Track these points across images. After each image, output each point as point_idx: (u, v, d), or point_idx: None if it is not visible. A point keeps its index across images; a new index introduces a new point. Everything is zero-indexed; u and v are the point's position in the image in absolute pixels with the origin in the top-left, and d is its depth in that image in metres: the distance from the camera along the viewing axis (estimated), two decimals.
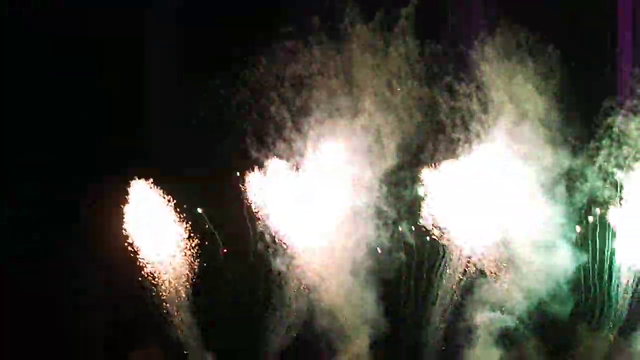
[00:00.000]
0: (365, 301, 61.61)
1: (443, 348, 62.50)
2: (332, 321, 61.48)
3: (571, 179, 56.84)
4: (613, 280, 57.08)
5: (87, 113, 62.91)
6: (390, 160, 58.72)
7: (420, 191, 58.52)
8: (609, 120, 56.20)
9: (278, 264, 60.93)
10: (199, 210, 60.44)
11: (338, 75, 58.79)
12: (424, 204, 58.39)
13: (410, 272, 61.71)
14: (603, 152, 55.95)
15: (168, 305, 62.07)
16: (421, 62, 57.89)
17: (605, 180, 56.45)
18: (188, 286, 62.20)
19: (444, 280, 60.79)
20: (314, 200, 60.41)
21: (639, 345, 58.17)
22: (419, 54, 58.12)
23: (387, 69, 58.62)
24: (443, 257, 59.56)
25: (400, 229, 59.61)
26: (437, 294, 61.50)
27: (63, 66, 62.50)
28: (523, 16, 57.33)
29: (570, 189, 56.71)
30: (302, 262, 60.88)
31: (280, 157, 59.73)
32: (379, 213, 59.59)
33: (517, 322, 58.40)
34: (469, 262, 58.94)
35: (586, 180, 56.66)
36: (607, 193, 56.56)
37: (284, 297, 61.44)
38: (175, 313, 62.34)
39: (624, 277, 56.72)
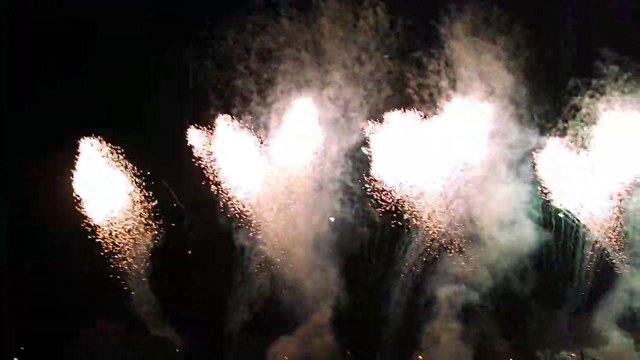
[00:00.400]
0: (327, 274, 61.66)
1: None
2: (295, 295, 61.64)
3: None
4: (577, 257, 58.28)
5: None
6: (357, 135, 58.80)
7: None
8: (576, 99, 56.87)
9: (241, 237, 60.75)
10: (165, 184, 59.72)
11: (307, 47, 57.97)
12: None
13: (372, 246, 62.27)
14: (570, 132, 56.65)
15: (125, 275, 61.34)
16: (391, 36, 57.46)
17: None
18: (146, 256, 61.33)
19: (407, 255, 61.33)
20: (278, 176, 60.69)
21: (596, 322, 60.12)
22: (389, 28, 57.68)
23: (356, 42, 58.11)
24: (407, 232, 59.95)
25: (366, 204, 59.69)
26: (399, 268, 62.21)
27: None
28: None
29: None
30: (265, 236, 60.75)
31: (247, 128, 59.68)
32: (345, 188, 59.63)
33: (480, 297, 59.01)
34: (433, 237, 59.55)
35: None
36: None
37: (245, 271, 61.24)
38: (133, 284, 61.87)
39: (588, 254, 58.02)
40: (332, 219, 60.63)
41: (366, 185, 58.79)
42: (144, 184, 59.85)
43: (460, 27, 57.83)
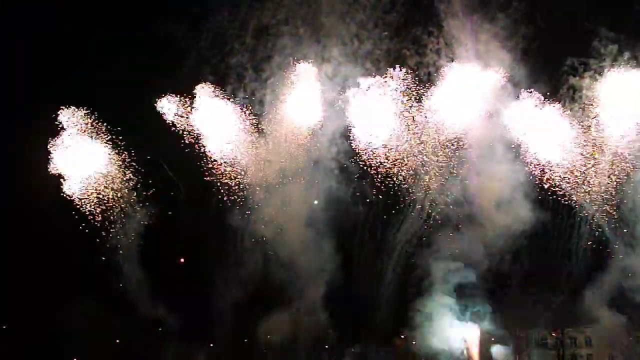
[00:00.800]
0: (322, 252, 61.25)
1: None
2: (288, 273, 61.12)
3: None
4: (573, 238, 58.69)
5: None
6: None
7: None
8: (573, 80, 56.69)
9: (234, 215, 59.92)
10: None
11: (306, 21, 56.73)
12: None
13: (366, 224, 61.97)
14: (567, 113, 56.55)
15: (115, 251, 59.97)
16: (391, 13, 56.60)
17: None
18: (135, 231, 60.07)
19: (402, 232, 61.19)
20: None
21: (586, 302, 60.67)
22: (389, 4, 56.64)
23: (355, 19, 57.00)
24: (404, 209, 59.75)
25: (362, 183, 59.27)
26: (395, 245, 62.04)
27: None
28: None
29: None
30: (259, 214, 60.00)
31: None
32: (342, 167, 59.03)
33: (477, 276, 59.31)
34: (429, 214, 59.44)
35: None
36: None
37: (238, 250, 60.56)
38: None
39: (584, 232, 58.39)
40: (316, 202, 60.63)
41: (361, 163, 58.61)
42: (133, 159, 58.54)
43: (459, 4, 57.64)
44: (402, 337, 69.32)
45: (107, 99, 57.76)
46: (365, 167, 57.91)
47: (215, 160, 58.41)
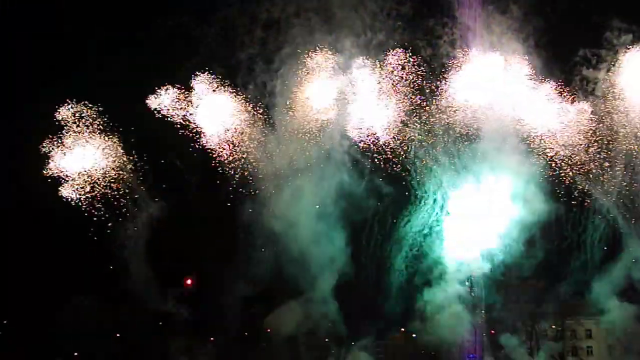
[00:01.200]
0: (332, 244, 60.77)
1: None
2: (299, 266, 60.64)
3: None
4: (587, 232, 58.59)
5: None
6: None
7: None
8: (586, 71, 56.41)
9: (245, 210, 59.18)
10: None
11: (318, 12, 55.66)
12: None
13: (376, 217, 61.48)
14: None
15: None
16: (405, 3, 55.71)
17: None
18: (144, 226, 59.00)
19: (413, 224, 60.94)
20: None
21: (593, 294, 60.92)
22: None
23: (368, 9, 56.17)
24: (417, 201, 59.59)
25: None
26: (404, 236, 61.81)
27: None
28: None
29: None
30: (270, 209, 59.23)
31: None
32: (355, 162, 58.52)
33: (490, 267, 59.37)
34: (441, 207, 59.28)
35: None
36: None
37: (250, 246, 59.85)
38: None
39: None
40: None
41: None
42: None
43: None
44: (402, 330, 70.07)
45: (110, 96, 56.83)
46: (375, 159, 58.44)
47: (223, 154, 58.01)
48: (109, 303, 64.19)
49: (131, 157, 56.40)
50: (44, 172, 55.11)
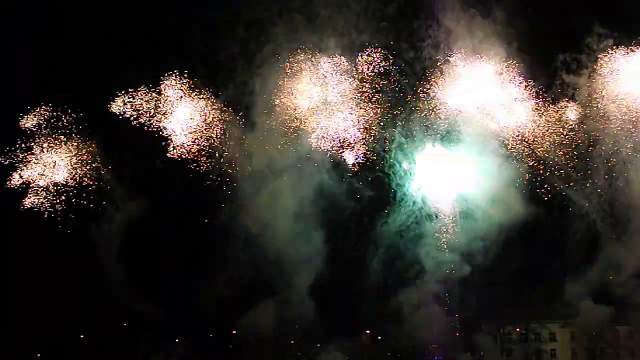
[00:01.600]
0: (310, 244, 59.79)
1: None
2: (276, 266, 59.79)
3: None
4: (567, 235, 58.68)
5: None
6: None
7: None
8: (566, 76, 56.73)
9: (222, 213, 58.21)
10: None
11: (301, 11, 54.64)
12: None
13: (355, 217, 60.89)
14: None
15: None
16: (390, 4, 55.10)
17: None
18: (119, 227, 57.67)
19: (390, 224, 60.55)
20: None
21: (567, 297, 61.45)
22: None
23: (352, 9, 55.29)
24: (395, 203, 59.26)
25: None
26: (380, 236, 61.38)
27: None
28: None
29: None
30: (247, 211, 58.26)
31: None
32: (337, 164, 57.79)
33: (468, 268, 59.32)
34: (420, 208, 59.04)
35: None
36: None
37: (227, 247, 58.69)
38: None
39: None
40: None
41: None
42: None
43: None
44: (367, 332, 70.06)
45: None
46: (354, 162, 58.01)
47: (199, 153, 56.80)
48: (80, 302, 62.23)
49: (105, 159, 55.37)
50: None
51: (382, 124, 57.37)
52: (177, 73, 54.96)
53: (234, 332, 64.92)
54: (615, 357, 66.26)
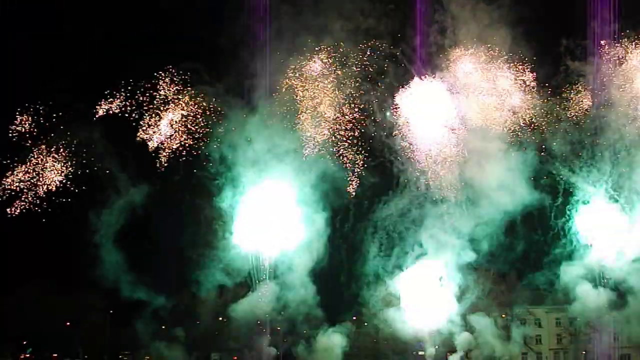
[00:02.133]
0: (312, 228, 59.03)
1: None
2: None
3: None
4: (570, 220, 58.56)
5: None
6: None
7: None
8: (572, 63, 56.24)
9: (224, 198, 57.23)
10: None
11: None
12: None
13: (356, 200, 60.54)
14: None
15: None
16: None
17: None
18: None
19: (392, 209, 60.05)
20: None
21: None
22: None
23: None
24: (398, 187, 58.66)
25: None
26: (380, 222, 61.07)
27: None
28: None
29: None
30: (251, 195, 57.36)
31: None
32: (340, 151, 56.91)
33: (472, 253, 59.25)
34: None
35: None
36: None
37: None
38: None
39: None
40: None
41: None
42: None
43: None
44: (354, 318, 70.04)
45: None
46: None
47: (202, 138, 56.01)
48: (74, 289, 62.27)
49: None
50: None
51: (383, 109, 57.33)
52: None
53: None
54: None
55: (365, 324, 67.83)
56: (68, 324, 65.85)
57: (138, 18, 54.36)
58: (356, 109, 56.15)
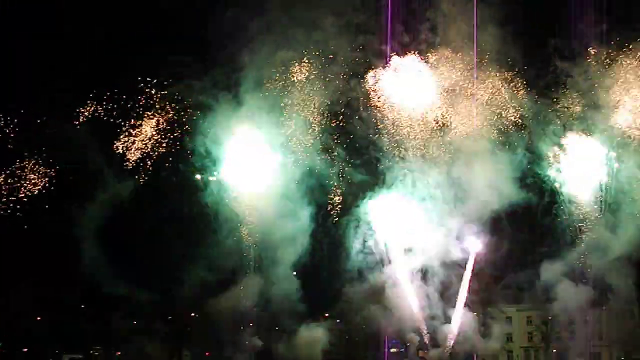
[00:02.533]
0: (296, 224, 58.78)
1: None
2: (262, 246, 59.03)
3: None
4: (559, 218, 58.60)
5: None
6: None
7: None
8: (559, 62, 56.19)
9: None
10: None
11: None
12: None
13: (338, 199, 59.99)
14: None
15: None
16: None
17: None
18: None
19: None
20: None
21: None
22: None
23: None
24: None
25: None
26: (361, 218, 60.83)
27: None
28: None
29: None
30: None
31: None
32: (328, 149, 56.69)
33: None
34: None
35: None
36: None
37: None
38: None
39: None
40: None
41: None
42: None
43: None
44: (327, 315, 70.12)
45: None
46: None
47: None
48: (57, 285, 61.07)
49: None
50: None
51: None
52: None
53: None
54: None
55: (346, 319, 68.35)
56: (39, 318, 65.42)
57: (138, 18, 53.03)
58: (342, 105, 56.21)
